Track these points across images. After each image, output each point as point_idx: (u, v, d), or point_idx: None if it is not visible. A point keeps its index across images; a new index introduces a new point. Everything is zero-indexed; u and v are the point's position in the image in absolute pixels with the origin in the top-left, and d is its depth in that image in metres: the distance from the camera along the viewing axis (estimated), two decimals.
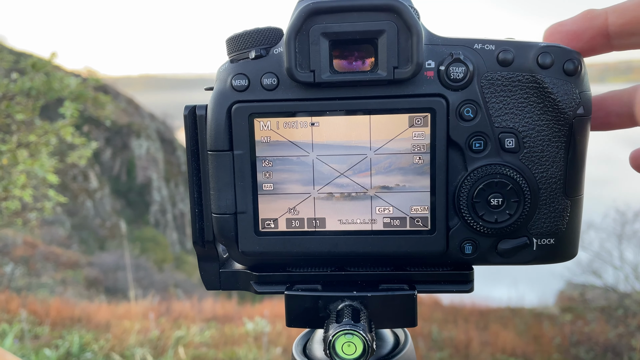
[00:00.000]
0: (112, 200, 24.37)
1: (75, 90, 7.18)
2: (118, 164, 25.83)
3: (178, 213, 25.84)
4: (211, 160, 0.58)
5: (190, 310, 9.48)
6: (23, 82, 7.02)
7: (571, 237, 0.58)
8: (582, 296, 10.00)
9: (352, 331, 0.51)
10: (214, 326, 8.16)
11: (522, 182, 0.55)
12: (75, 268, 14.94)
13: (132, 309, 9.07)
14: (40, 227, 15.40)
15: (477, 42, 0.56)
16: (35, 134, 7.34)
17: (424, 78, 0.55)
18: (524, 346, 7.96)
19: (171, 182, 26.59)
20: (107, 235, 21.63)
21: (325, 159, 0.57)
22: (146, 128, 27.10)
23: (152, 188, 25.50)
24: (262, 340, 7.01)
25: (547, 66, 0.54)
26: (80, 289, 13.00)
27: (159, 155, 26.70)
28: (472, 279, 0.60)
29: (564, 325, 8.78)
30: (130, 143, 26.07)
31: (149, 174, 25.76)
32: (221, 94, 0.57)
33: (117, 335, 7.13)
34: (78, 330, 7.29)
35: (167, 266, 18.83)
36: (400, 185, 0.57)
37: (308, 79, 0.55)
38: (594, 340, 7.77)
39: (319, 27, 0.53)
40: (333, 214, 0.58)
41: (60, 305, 8.81)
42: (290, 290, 0.60)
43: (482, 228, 0.56)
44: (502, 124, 0.56)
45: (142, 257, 17.14)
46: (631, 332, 7.54)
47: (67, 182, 20.41)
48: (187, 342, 7.00)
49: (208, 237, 0.61)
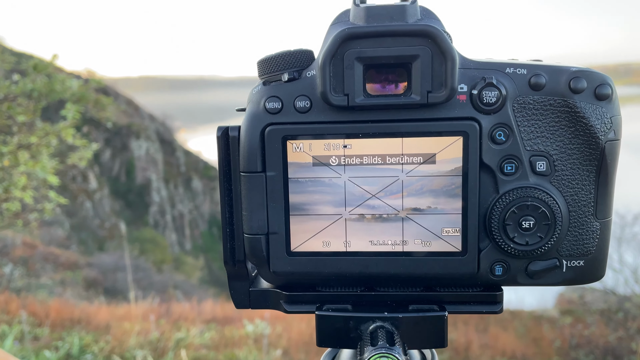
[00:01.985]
0: (111, 201, 24.35)
1: (77, 92, 7.18)
2: (117, 164, 25.82)
3: (177, 214, 25.83)
4: (244, 181, 0.59)
5: (190, 312, 9.48)
6: (24, 83, 7.02)
7: (600, 259, 0.59)
8: (582, 299, 10.01)
9: (388, 354, 0.51)
10: (214, 328, 8.15)
11: (553, 205, 0.56)
12: (75, 269, 14.92)
13: (132, 311, 9.06)
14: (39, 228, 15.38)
15: (509, 66, 0.56)
16: (36, 136, 7.34)
17: (457, 102, 0.56)
18: (523, 349, 7.97)
19: (170, 183, 26.58)
20: (107, 236, 21.61)
21: (357, 181, 0.58)
22: (146, 129, 27.08)
23: (152, 189, 25.48)
24: (262, 343, 7.01)
25: (579, 91, 0.55)
26: (79, 289, 12.98)
27: (158, 156, 26.69)
28: (502, 300, 0.61)
29: (564, 328, 8.79)
30: (129, 144, 26.06)
31: (149, 175, 25.74)
32: (255, 116, 0.58)
33: (117, 336, 7.13)
34: (78, 331, 7.29)
35: (166, 267, 18.81)
36: (431, 207, 0.58)
37: (342, 102, 0.55)
38: (593, 344, 7.78)
39: (354, 51, 0.54)
40: (364, 235, 0.59)
41: (60, 307, 8.80)
42: (321, 310, 0.60)
43: (513, 250, 0.57)
44: (533, 148, 0.56)
45: (141, 258, 17.11)
46: (631, 335, 7.55)
47: (67, 183, 20.40)
48: (187, 344, 7.00)
49: (239, 257, 0.62)
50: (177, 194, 26.51)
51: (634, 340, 7.37)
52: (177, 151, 28.09)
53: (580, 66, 0.56)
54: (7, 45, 19.14)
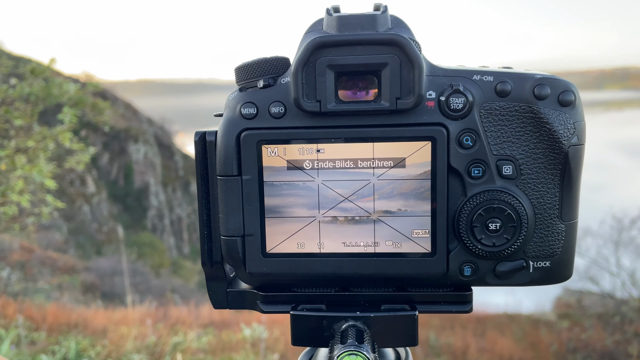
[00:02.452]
0: (109, 205, 24.32)
1: (74, 96, 7.20)
2: (115, 168, 25.81)
3: (175, 218, 25.81)
4: (220, 184, 0.61)
5: (187, 316, 9.46)
6: (22, 87, 7.04)
7: (566, 260, 0.61)
8: (579, 303, 10.02)
9: (356, 352, 0.53)
10: (211, 332, 8.14)
11: (519, 207, 0.57)
12: (72, 273, 14.89)
13: (129, 315, 9.05)
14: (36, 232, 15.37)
15: (476, 74, 0.58)
16: (33, 140, 7.35)
17: (425, 108, 0.57)
18: (521, 353, 7.97)
19: (169, 187, 26.57)
20: (104, 240, 21.58)
21: (330, 184, 0.60)
22: (144, 133, 27.09)
23: (150, 193, 25.46)
24: (260, 347, 7.01)
25: (543, 97, 0.57)
26: (76, 294, 12.95)
27: (156, 160, 26.69)
28: (471, 300, 0.62)
29: (561, 332, 8.80)
30: (128, 148, 26.05)
31: (147, 179, 25.73)
32: (230, 121, 0.60)
33: (114, 341, 7.12)
34: (75, 336, 7.28)
35: (164, 271, 18.79)
36: (402, 209, 0.59)
37: (314, 108, 0.57)
38: (591, 347, 7.79)
39: (325, 59, 0.56)
40: (337, 237, 0.61)
41: (57, 311, 8.79)
42: (296, 310, 0.62)
43: (481, 251, 0.58)
44: (500, 152, 0.58)
45: (139, 262, 17.09)
46: (628, 339, 7.56)
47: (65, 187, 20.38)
48: (185, 348, 6.99)
49: (216, 258, 0.63)
50: (175, 198, 26.50)
51: (631, 343, 7.38)
52: (176, 155, 28.08)
53: (546, 73, 0.58)
54: (4, 49, 19.17)
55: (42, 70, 7.30)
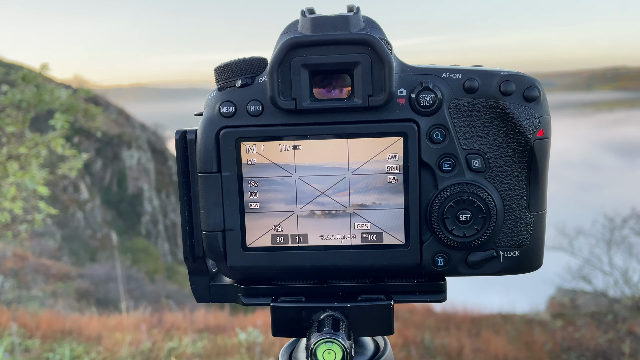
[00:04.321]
0: (102, 211, 24.23)
1: (66, 102, 7.19)
2: (109, 174, 25.73)
3: (169, 223, 25.74)
4: (201, 181, 0.63)
5: (182, 321, 9.44)
6: (13, 94, 7.03)
7: (535, 249, 0.63)
8: (573, 302, 10.08)
9: (332, 339, 0.55)
10: (207, 337, 8.13)
11: (488, 199, 0.60)
12: (66, 280, 14.81)
13: (124, 321, 9.02)
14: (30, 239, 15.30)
15: (445, 71, 0.61)
16: (25, 146, 7.33)
17: (397, 105, 0.60)
18: (515, 352, 8.00)
19: (162, 192, 26.51)
20: (98, 246, 21.50)
21: (307, 180, 0.62)
22: (137, 138, 27.03)
23: (144, 198, 25.39)
24: (255, 351, 7.01)
25: (509, 93, 0.60)
26: (70, 301, 12.89)
27: (150, 165, 26.63)
28: (445, 289, 0.65)
29: (555, 331, 8.85)
30: (121, 154, 25.98)
31: (140, 185, 25.66)
32: (210, 120, 0.62)
33: (109, 347, 7.10)
34: (69, 342, 7.25)
35: (158, 277, 18.72)
36: (376, 203, 0.62)
37: (290, 106, 0.59)
38: (584, 346, 7.84)
39: (300, 59, 0.58)
40: (315, 230, 0.63)
41: (51, 318, 8.75)
42: (276, 302, 0.64)
43: (452, 242, 0.61)
44: (469, 146, 0.61)
45: (134, 268, 17.03)
46: (621, 337, 7.62)
47: (57, 194, 20.30)
48: (180, 353, 6.98)
49: (198, 253, 0.65)
50: (169, 204, 26.43)
51: (624, 342, 7.43)
52: (169, 160, 28.02)
53: (511, 70, 0.61)
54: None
55: (34, 77, 7.29)
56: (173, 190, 26.85)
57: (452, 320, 9.49)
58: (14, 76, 7.52)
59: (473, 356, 7.79)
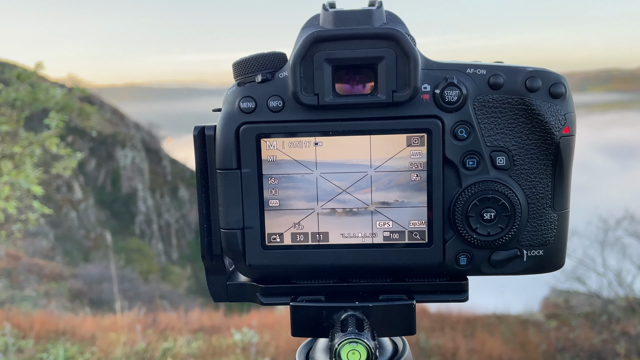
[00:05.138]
0: (96, 211, 24.10)
1: (61, 101, 7.14)
2: (103, 174, 25.59)
3: (164, 223, 25.63)
4: (220, 178, 0.61)
5: (177, 322, 9.40)
6: (8, 93, 6.98)
7: (559, 249, 0.62)
8: (567, 303, 10.11)
9: (357, 339, 0.54)
10: (201, 337, 8.10)
11: (512, 197, 0.59)
12: (59, 280, 14.72)
13: (118, 321, 8.97)
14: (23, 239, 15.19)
15: (469, 67, 0.60)
16: (19, 145, 7.28)
17: (421, 100, 0.59)
18: (510, 353, 8.02)
19: (157, 192, 26.39)
20: (92, 246, 21.38)
21: (328, 177, 0.61)
22: (131, 138, 26.91)
23: (138, 198, 25.27)
24: (250, 351, 6.99)
25: (535, 89, 0.59)
26: (64, 301, 12.81)
27: (144, 165, 26.51)
28: (467, 289, 0.64)
29: (550, 332, 8.87)
30: (115, 153, 25.85)
31: (134, 185, 25.54)
32: (229, 115, 0.61)
33: (103, 348, 7.06)
34: (63, 343, 7.20)
35: (152, 277, 18.65)
36: (399, 200, 0.61)
37: (312, 101, 0.58)
38: (579, 346, 7.87)
39: (323, 53, 0.57)
40: (336, 228, 0.62)
41: (45, 318, 8.70)
42: (295, 301, 0.63)
43: (476, 241, 0.60)
44: (493, 143, 0.60)
45: (128, 268, 16.95)
46: (615, 337, 7.65)
47: (51, 193, 20.16)
48: (175, 353, 6.95)
49: (216, 251, 0.64)
50: (163, 203, 26.33)
51: (618, 342, 7.46)
52: (164, 160, 27.92)
53: (536, 66, 0.60)
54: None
55: (28, 76, 7.24)
56: (167, 190, 26.75)
57: (447, 320, 9.50)
58: (8, 75, 7.46)
59: (468, 356, 7.81)
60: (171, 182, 27.34)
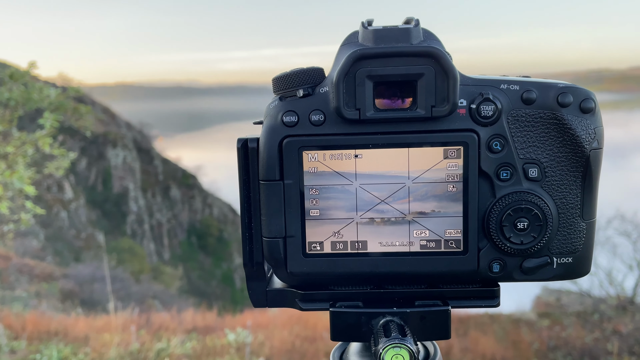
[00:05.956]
0: (87, 210, 23.95)
1: (55, 100, 7.11)
2: (94, 174, 25.43)
3: (155, 223, 25.53)
4: (263, 189, 0.64)
5: (170, 322, 9.38)
6: (1, 93, 6.93)
7: (586, 256, 0.66)
8: (558, 302, 10.21)
9: (400, 344, 0.57)
10: (195, 337, 8.09)
11: (544, 207, 0.62)
12: (50, 280, 14.62)
13: (111, 322, 8.94)
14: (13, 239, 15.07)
15: (503, 83, 0.62)
16: (12, 145, 7.23)
17: (457, 115, 0.62)
18: (503, 352, 8.09)
19: (148, 192, 26.28)
20: (83, 246, 21.25)
21: (367, 187, 0.63)
22: (123, 137, 26.76)
23: (129, 198, 25.15)
24: (245, 351, 7.00)
25: (566, 105, 0.62)
26: (55, 301, 12.73)
27: (135, 165, 26.38)
28: (499, 295, 0.66)
29: (542, 331, 8.96)
30: (106, 153, 25.71)
31: (126, 184, 25.41)
32: (273, 129, 0.63)
33: (97, 348, 7.04)
34: (56, 344, 7.17)
35: (144, 277, 18.58)
36: (435, 210, 0.63)
37: (354, 116, 0.60)
38: (571, 345, 7.96)
39: (365, 70, 0.59)
40: (374, 237, 0.64)
41: (37, 319, 8.64)
42: (335, 307, 0.65)
43: (509, 249, 0.63)
44: (526, 156, 0.63)
45: (119, 268, 16.87)
46: (607, 336, 7.74)
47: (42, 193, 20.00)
48: (169, 354, 6.94)
49: (257, 259, 0.66)
50: (155, 203, 26.23)
51: (610, 341, 7.55)
52: (155, 160, 27.81)
53: (566, 82, 0.63)
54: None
55: (21, 75, 7.19)
56: (159, 190, 26.65)
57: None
58: (1, 74, 7.41)
59: (461, 356, 7.87)
60: (163, 181, 27.23)
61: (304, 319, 8.69)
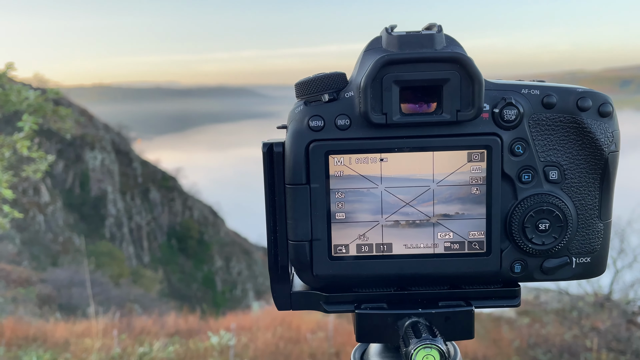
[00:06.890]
0: (64, 214, 23.54)
1: (34, 102, 6.97)
2: (71, 176, 25.01)
3: (134, 226, 25.22)
4: (289, 192, 0.64)
5: (152, 326, 9.28)
6: None
7: (603, 255, 0.68)
8: (537, 299, 10.38)
9: (431, 345, 0.58)
10: (178, 341, 8.02)
11: (565, 209, 0.64)
12: (27, 285, 14.33)
13: (92, 326, 8.81)
14: None
15: (524, 87, 0.64)
16: None
17: (481, 119, 0.63)
18: (484, 350, 8.20)
19: (127, 194, 25.95)
20: (60, 250, 20.88)
21: (392, 191, 0.64)
22: (101, 139, 26.37)
23: (107, 201, 24.79)
24: (229, 354, 6.97)
25: (586, 109, 0.64)
26: (32, 307, 12.49)
27: (114, 167, 26.02)
28: (519, 295, 0.68)
29: (522, 328, 9.10)
30: (84, 155, 25.30)
31: (104, 187, 25.05)
32: (299, 133, 0.63)
33: (77, 354, 6.94)
34: (35, 350, 7.04)
35: (123, 281, 18.34)
36: (459, 213, 0.64)
37: (381, 120, 0.61)
38: (550, 342, 8.09)
39: (392, 75, 0.60)
40: (399, 239, 0.65)
41: (15, 325, 8.48)
42: (360, 309, 0.66)
43: (531, 250, 0.64)
44: (547, 159, 0.65)
45: (98, 272, 16.63)
46: (585, 333, 7.89)
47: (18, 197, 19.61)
48: (151, 358, 6.87)
49: (282, 262, 0.67)
50: (134, 206, 25.90)
51: (588, 337, 7.70)
52: (134, 162, 27.47)
53: (584, 87, 0.65)
54: None
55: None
56: (138, 193, 26.33)
57: None
58: None
59: None
60: (142, 184, 26.91)
61: (287, 321, 8.68)
